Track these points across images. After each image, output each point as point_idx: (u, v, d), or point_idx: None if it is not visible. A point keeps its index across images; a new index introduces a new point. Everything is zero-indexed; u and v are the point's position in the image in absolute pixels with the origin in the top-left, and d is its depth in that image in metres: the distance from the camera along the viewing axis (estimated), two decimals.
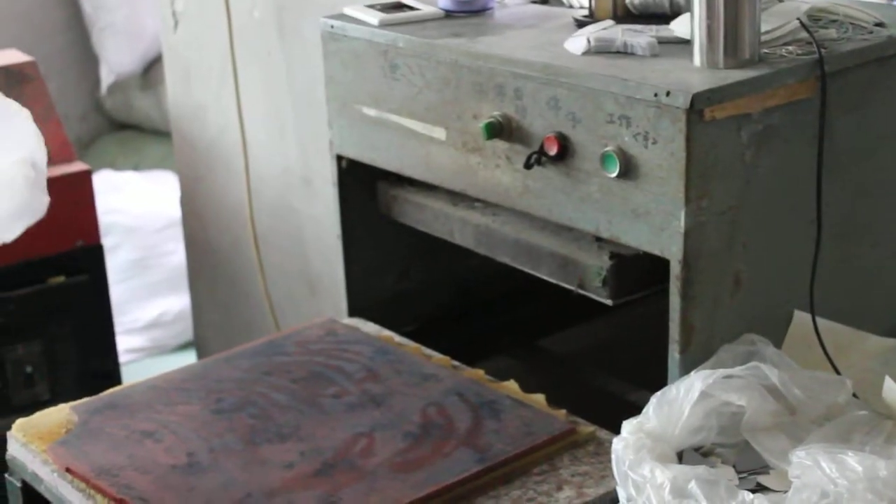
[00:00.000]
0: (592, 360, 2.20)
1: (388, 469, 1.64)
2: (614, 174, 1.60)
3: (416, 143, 1.88)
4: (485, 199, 1.82)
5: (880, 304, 1.83)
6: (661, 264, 1.61)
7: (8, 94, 1.67)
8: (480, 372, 1.90)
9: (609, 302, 1.74)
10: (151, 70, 4.47)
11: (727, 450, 1.52)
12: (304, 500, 1.58)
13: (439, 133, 1.84)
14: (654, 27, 1.73)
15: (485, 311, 2.26)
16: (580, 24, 1.82)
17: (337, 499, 1.58)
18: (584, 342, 2.24)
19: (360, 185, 2.07)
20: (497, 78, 1.73)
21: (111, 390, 1.89)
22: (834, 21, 1.74)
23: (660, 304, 1.70)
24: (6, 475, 1.80)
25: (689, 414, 1.49)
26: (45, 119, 2.66)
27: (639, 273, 1.73)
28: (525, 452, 1.66)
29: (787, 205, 1.65)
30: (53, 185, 1.71)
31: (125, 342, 3.63)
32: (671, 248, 1.57)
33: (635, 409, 1.54)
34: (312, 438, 1.71)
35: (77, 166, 2.78)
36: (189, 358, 3.44)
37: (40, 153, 1.62)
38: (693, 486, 1.38)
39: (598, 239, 1.76)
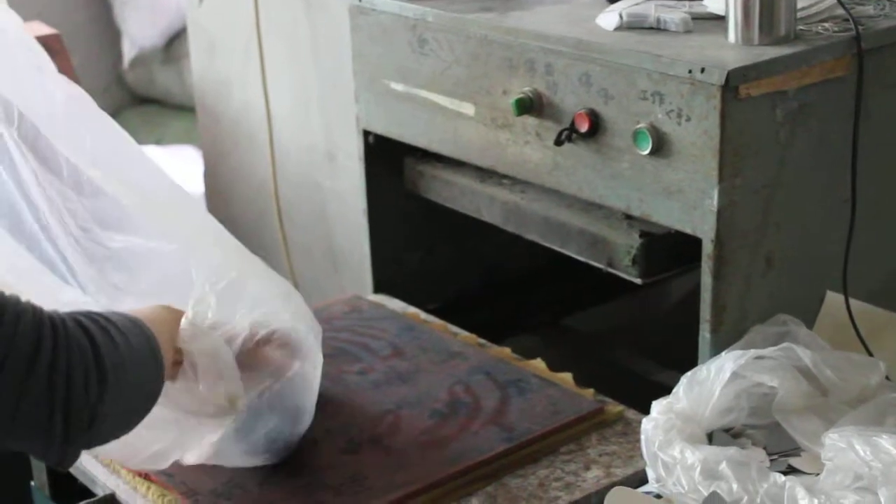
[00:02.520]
0: (619, 339, 2.18)
1: (414, 447, 1.63)
2: (646, 151, 1.58)
3: (444, 118, 1.87)
4: (514, 176, 1.80)
5: None
6: (691, 243, 1.59)
7: None
8: (507, 350, 1.88)
9: (638, 281, 1.72)
10: (174, 44, 4.45)
11: (758, 431, 1.50)
12: (330, 477, 1.57)
13: (468, 109, 1.82)
14: (687, 3, 1.71)
15: (511, 289, 2.25)
16: None
17: (363, 476, 1.57)
18: (611, 321, 2.23)
19: (386, 160, 2.05)
20: (528, 53, 1.71)
21: None
22: None
23: (688, 284, 1.68)
24: None
25: (719, 395, 1.48)
26: None
27: (669, 252, 1.71)
28: (552, 431, 1.65)
29: (822, 184, 1.63)
30: None
31: None
32: (703, 227, 1.55)
33: (663, 390, 1.53)
34: (339, 415, 1.71)
35: None
36: None
37: None
38: (724, 467, 1.37)
39: (628, 217, 1.74)
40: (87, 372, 1.25)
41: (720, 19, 1.63)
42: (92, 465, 1.66)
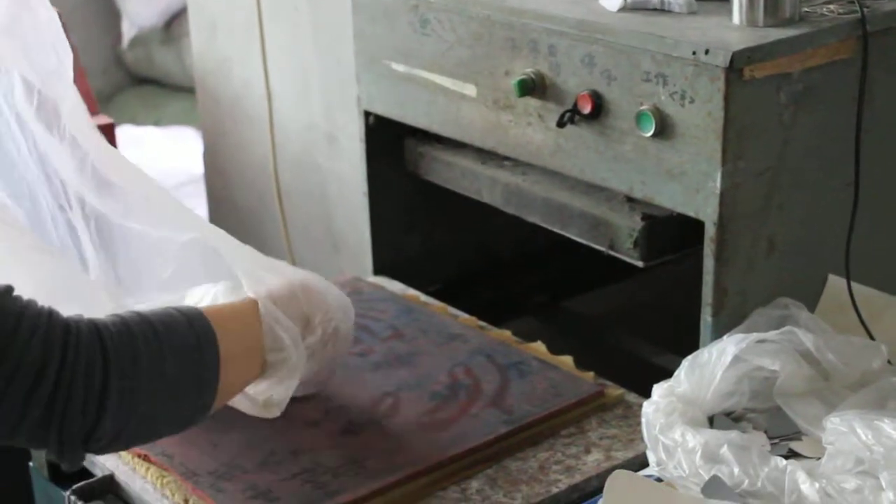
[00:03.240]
0: (620, 322, 2.18)
1: (414, 429, 1.62)
2: (649, 133, 1.57)
3: (445, 99, 1.86)
4: (515, 158, 1.79)
5: None
6: (694, 226, 1.58)
7: None
8: (507, 333, 1.88)
9: (640, 264, 1.71)
10: (173, 24, 4.44)
11: (759, 415, 1.50)
12: (330, 458, 1.57)
13: (470, 90, 1.81)
14: None
15: (512, 271, 2.24)
16: None
17: (362, 458, 1.56)
18: (612, 304, 2.22)
19: (387, 141, 2.04)
20: (531, 34, 1.69)
21: None
22: None
23: (689, 266, 1.68)
24: None
25: (721, 378, 1.47)
26: None
27: (671, 235, 1.70)
28: (553, 414, 1.65)
29: (825, 167, 1.62)
30: None
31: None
32: (706, 210, 1.55)
33: (663, 373, 1.52)
34: (338, 397, 1.70)
35: (101, 119, 2.75)
36: None
37: None
38: (725, 450, 1.36)
39: (630, 200, 1.73)
40: (87, 392, 1.24)
41: (725, 0, 1.62)
42: None
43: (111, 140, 2.75)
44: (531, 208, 1.86)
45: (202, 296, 1.66)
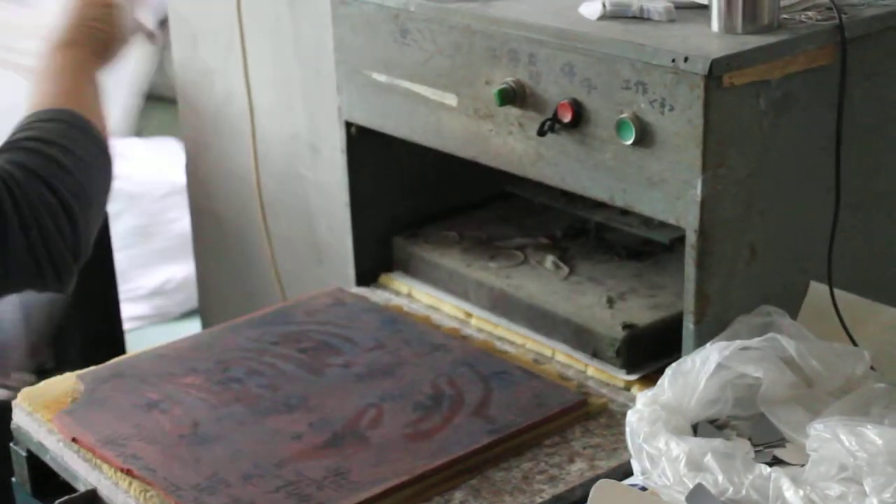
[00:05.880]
0: None
1: (397, 440, 1.62)
2: (630, 141, 1.57)
3: (426, 109, 1.86)
4: (497, 167, 1.79)
5: None
6: (675, 332, 1.61)
7: None
8: (491, 343, 1.88)
9: (623, 375, 1.75)
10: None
11: (743, 422, 1.49)
12: (313, 470, 1.56)
13: (451, 99, 1.81)
14: None
15: None
16: None
17: (346, 470, 1.56)
18: None
19: (369, 152, 2.04)
20: (510, 43, 1.69)
21: (117, 359, 1.87)
22: None
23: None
24: (11, 445, 1.78)
25: (704, 386, 1.47)
26: None
27: (653, 343, 1.75)
28: (536, 424, 1.64)
29: (805, 173, 1.62)
30: None
31: (129, 310, 3.61)
32: (687, 217, 1.55)
33: None
34: (321, 409, 1.70)
35: None
36: (193, 326, 3.42)
37: None
38: (709, 459, 1.36)
39: (610, 301, 1.82)
40: (55, 218, 1.30)
41: (704, 8, 1.62)
42: (73, 461, 1.64)
43: None
44: (517, 313, 1.90)
45: None
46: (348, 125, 2.02)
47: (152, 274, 3.81)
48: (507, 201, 2.17)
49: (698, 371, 1.47)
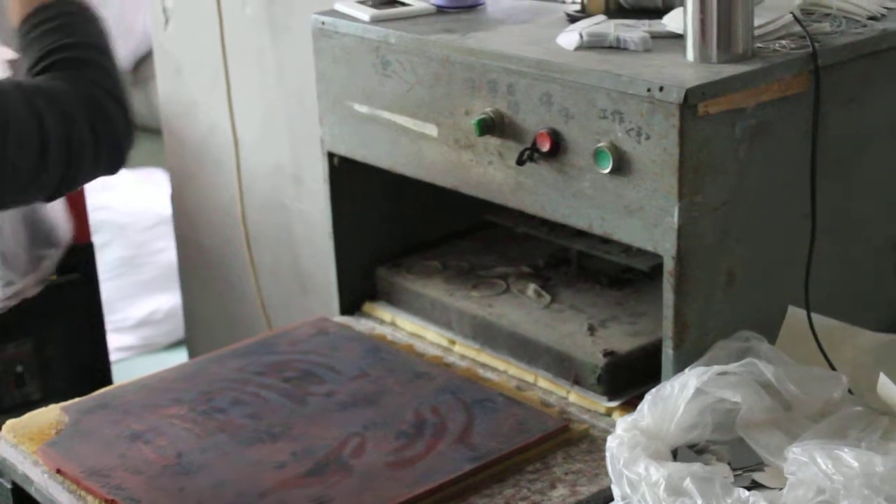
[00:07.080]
0: None
1: (380, 468, 1.63)
2: (607, 170, 1.59)
3: (407, 139, 1.87)
4: (478, 196, 1.81)
5: (874, 300, 1.83)
6: (655, 359, 1.63)
7: None
8: (473, 370, 1.89)
9: (605, 401, 1.77)
10: (141, 66, 4.45)
11: (722, 447, 1.51)
12: (296, 499, 1.57)
13: (431, 130, 1.83)
14: (646, 22, 1.72)
15: None
16: (572, 18, 1.81)
17: (329, 498, 1.57)
18: None
19: (351, 182, 2.06)
20: (489, 74, 1.71)
21: (102, 390, 1.88)
22: (827, 15, 1.73)
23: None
24: None
25: (683, 411, 1.48)
26: None
27: (634, 369, 1.77)
28: (518, 450, 1.65)
29: (781, 200, 1.64)
30: None
31: (115, 340, 3.61)
32: (664, 244, 1.56)
33: None
34: (304, 438, 1.70)
35: None
36: (180, 356, 3.42)
37: None
38: (688, 483, 1.37)
39: (591, 329, 1.84)
40: (112, 101, 1.53)
41: (679, 38, 1.64)
42: (58, 493, 1.65)
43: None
44: (499, 341, 1.92)
45: None
46: (331, 156, 2.03)
47: (139, 304, 3.81)
48: (489, 231, 2.18)
49: (677, 396, 1.48)
